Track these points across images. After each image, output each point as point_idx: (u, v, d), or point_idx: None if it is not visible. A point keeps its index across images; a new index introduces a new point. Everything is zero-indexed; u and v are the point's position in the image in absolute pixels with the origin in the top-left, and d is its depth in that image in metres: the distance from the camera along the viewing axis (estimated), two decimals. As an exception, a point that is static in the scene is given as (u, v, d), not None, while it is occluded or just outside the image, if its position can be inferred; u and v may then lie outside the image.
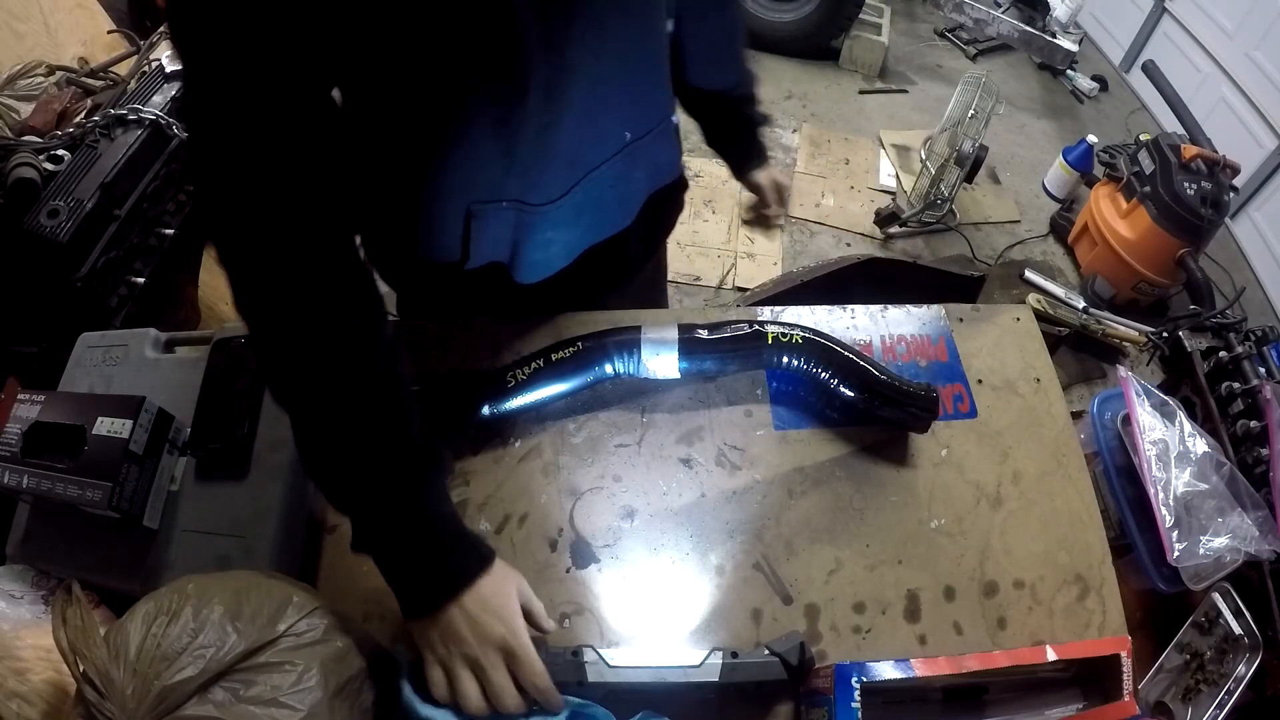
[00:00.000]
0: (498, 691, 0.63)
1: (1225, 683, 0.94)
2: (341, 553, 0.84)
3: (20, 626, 0.75)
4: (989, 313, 1.04)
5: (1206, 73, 3.28)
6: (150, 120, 1.33)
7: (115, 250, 1.27)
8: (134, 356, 0.96)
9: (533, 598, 0.69)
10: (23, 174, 1.17)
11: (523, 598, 0.68)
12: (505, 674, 0.63)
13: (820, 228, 2.90)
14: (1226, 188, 2.34)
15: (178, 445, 0.87)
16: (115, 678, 0.56)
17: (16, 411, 0.84)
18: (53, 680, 0.70)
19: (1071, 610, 0.83)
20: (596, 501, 0.87)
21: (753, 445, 0.91)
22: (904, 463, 0.90)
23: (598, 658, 0.69)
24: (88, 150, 1.26)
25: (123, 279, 1.31)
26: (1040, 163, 3.26)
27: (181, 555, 0.82)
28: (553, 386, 0.88)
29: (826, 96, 3.40)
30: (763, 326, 0.90)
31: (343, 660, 0.64)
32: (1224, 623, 0.97)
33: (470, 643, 0.63)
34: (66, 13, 1.94)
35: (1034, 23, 3.77)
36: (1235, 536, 0.96)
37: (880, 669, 0.69)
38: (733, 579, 0.83)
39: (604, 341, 0.89)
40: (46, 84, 1.52)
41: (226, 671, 0.58)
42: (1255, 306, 2.79)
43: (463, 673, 0.63)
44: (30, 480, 0.79)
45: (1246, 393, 1.17)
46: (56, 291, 1.22)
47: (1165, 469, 0.99)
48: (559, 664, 0.68)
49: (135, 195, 1.31)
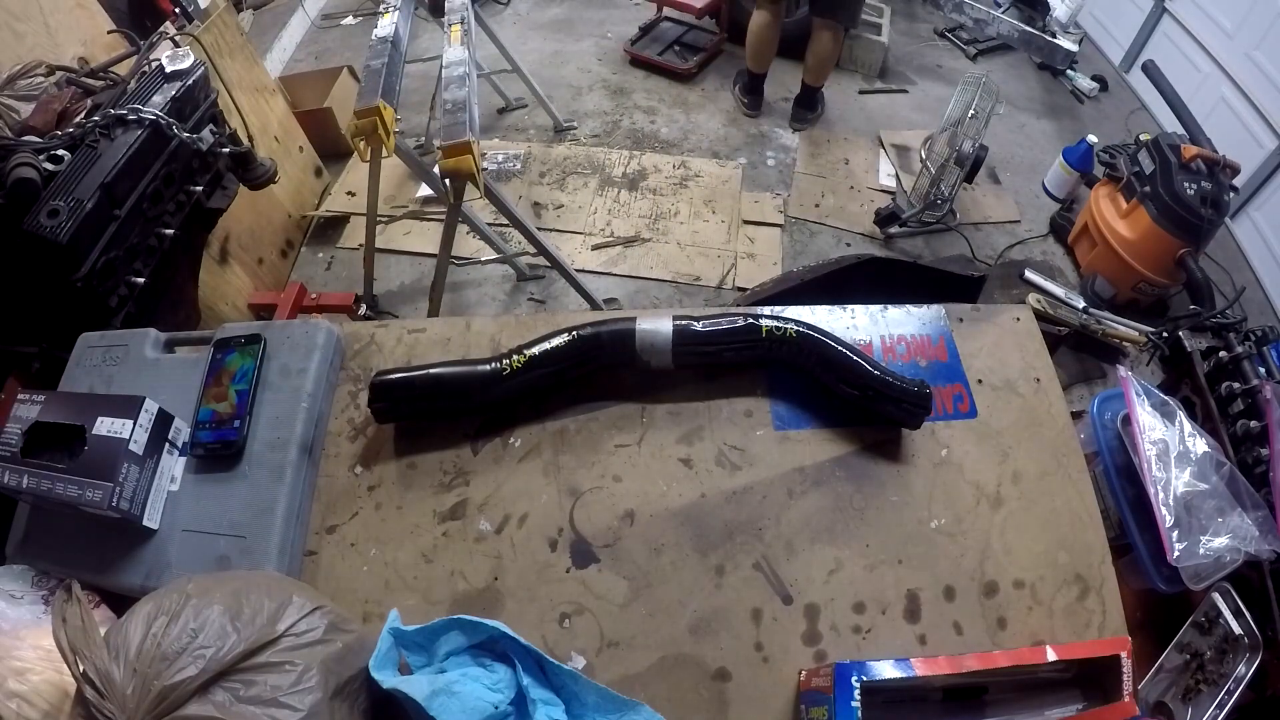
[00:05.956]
0: None
1: (1225, 683, 0.94)
2: (341, 553, 0.85)
3: (20, 626, 0.75)
4: (989, 313, 1.04)
5: (1206, 73, 3.28)
6: (150, 120, 1.33)
7: (115, 250, 1.27)
8: (134, 356, 0.96)
9: None
10: (23, 174, 1.16)
11: None
12: None
13: (820, 228, 2.90)
14: (1226, 188, 2.34)
15: (177, 445, 0.87)
16: (115, 678, 0.56)
17: (16, 411, 0.84)
18: (53, 680, 0.70)
19: (1071, 610, 0.83)
20: (596, 501, 0.87)
21: (753, 445, 0.91)
22: (904, 462, 0.90)
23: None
24: (88, 150, 1.26)
25: (123, 279, 1.31)
26: (1040, 163, 3.26)
27: (181, 555, 0.82)
28: (547, 372, 0.88)
29: (826, 96, 3.41)
30: (757, 320, 0.90)
31: (343, 660, 0.64)
32: (1224, 623, 0.97)
33: None
34: (66, 13, 1.95)
35: (1034, 23, 3.77)
36: (1235, 536, 0.96)
37: (880, 669, 0.69)
38: (733, 579, 0.83)
39: (598, 330, 0.89)
40: (46, 84, 1.52)
41: (226, 671, 0.58)
42: (1255, 306, 2.78)
43: None
44: (30, 480, 0.79)
45: (1246, 393, 1.17)
46: (56, 291, 1.22)
47: (1165, 469, 0.99)
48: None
49: (135, 195, 1.31)
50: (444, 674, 0.68)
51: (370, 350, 0.99)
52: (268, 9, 3.91)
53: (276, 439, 0.87)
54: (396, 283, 2.63)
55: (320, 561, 0.84)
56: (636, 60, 3.69)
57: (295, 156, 2.73)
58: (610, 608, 0.81)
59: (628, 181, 3.02)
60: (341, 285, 2.59)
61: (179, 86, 1.41)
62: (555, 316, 0.98)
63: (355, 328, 1.01)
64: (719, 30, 3.81)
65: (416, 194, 2.87)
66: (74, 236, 1.17)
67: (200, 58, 1.51)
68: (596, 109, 3.42)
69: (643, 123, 3.35)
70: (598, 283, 2.58)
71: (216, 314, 1.99)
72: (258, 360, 0.91)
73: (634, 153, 3.16)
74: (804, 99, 3.31)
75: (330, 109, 2.90)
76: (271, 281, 2.45)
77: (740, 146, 3.24)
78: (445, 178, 1.76)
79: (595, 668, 0.78)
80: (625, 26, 3.93)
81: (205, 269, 1.82)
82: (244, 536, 0.81)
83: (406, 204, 2.86)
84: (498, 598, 0.82)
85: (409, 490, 0.88)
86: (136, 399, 0.82)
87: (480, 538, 0.85)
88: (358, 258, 2.57)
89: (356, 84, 2.37)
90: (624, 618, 0.81)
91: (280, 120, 2.60)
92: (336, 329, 0.98)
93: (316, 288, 2.22)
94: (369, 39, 2.07)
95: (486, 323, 1.00)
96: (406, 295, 2.59)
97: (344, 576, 0.83)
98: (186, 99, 1.42)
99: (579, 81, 3.59)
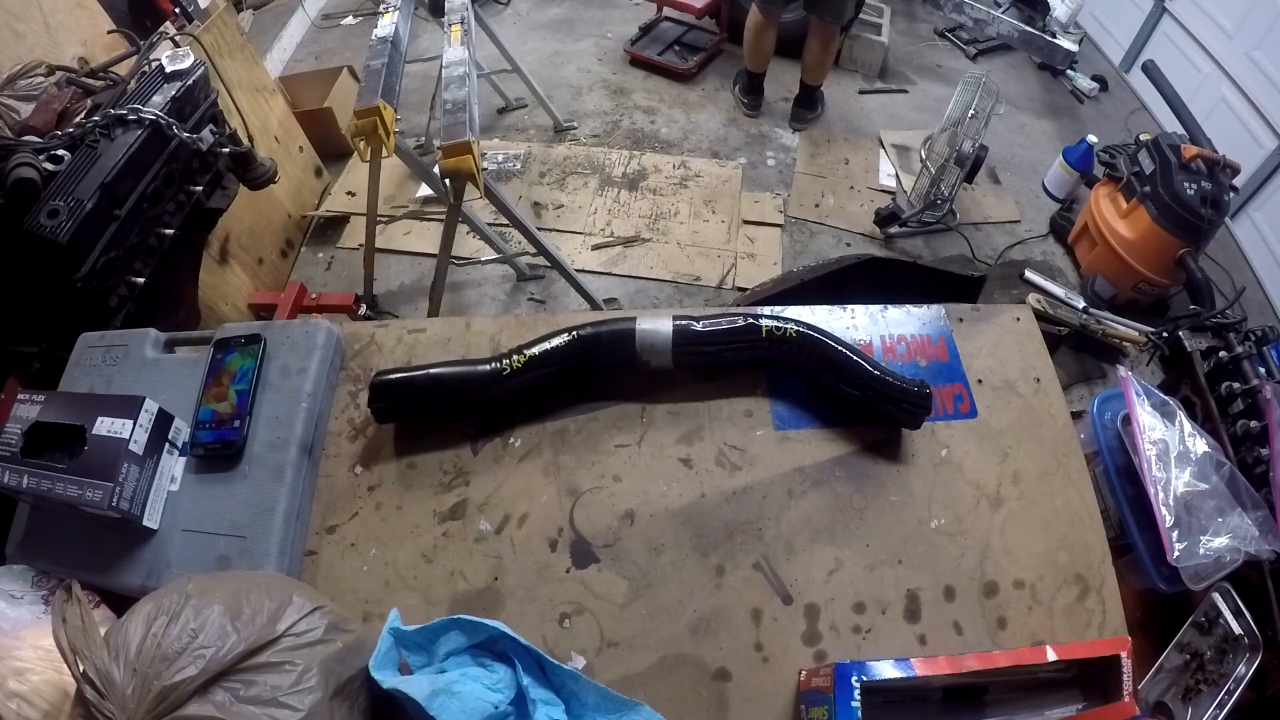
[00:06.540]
0: None
1: (1225, 683, 0.94)
2: (341, 553, 0.85)
3: (20, 626, 0.75)
4: (989, 313, 1.04)
5: (1206, 73, 3.28)
6: (150, 120, 1.33)
7: (115, 250, 1.27)
8: (134, 356, 0.96)
9: None
10: (23, 174, 1.16)
11: None
12: None
13: (820, 228, 2.90)
14: (1226, 188, 2.34)
15: (177, 445, 0.87)
16: (115, 678, 0.56)
17: (16, 411, 0.84)
18: (53, 680, 0.70)
19: (1071, 610, 0.83)
20: (596, 501, 0.87)
21: (753, 445, 0.91)
22: (904, 463, 0.90)
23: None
24: (88, 150, 1.26)
25: (123, 279, 1.31)
26: (1040, 163, 3.26)
27: (181, 555, 0.82)
28: (547, 372, 0.88)
29: (826, 96, 3.41)
30: (757, 320, 0.90)
31: (343, 660, 0.64)
32: (1224, 623, 0.97)
33: None
34: (66, 13, 1.95)
35: (1034, 23, 3.77)
36: (1235, 536, 0.96)
37: (880, 669, 0.69)
38: (733, 579, 0.83)
39: (598, 330, 0.89)
40: (46, 84, 1.52)
41: (226, 671, 0.58)
42: (1255, 306, 2.78)
43: None
44: (30, 480, 0.79)
45: (1246, 393, 1.17)
46: (56, 291, 1.22)
47: (1165, 469, 0.99)
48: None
49: (135, 195, 1.31)
50: (444, 674, 0.68)
51: (370, 350, 0.99)
52: (268, 9, 3.91)
53: (276, 439, 0.87)
54: (396, 283, 2.63)
55: (320, 561, 0.84)
56: (636, 60, 3.69)
57: (295, 156, 2.73)
58: (610, 608, 0.81)
59: (628, 181, 3.02)
60: (341, 285, 2.59)
61: (179, 86, 1.41)
62: (555, 316, 0.98)
63: (355, 328, 1.01)
64: (719, 30, 3.81)
65: (416, 194, 2.87)
66: (74, 236, 1.17)
67: (200, 58, 1.51)
68: (596, 109, 3.42)
69: (643, 123, 3.35)
70: (598, 283, 2.58)
71: (216, 314, 1.99)
72: (258, 360, 0.91)
73: (634, 153, 3.16)
74: (803, 99, 3.31)
75: (330, 109, 2.90)
76: (271, 281, 2.45)
77: (740, 146, 3.24)
78: (445, 178, 1.76)
79: (595, 668, 0.78)
80: (625, 26, 3.93)
81: (205, 269, 1.82)
82: (244, 536, 0.81)
83: (406, 204, 2.86)
84: (498, 598, 0.82)
85: (409, 490, 0.88)
86: (136, 399, 0.82)
87: (480, 538, 0.85)
88: (358, 258, 2.57)
89: (356, 84, 2.37)
90: (624, 618, 0.81)
91: (280, 120, 2.60)
92: (336, 329, 0.98)
93: (316, 288, 2.22)
94: (369, 39, 2.07)
95: (486, 323, 1.00)
96: (406, 295, 2.59)
97: (344, 576, 0.83)
98: (186, 99, 1.42)
99: (579, 81, 3.59)
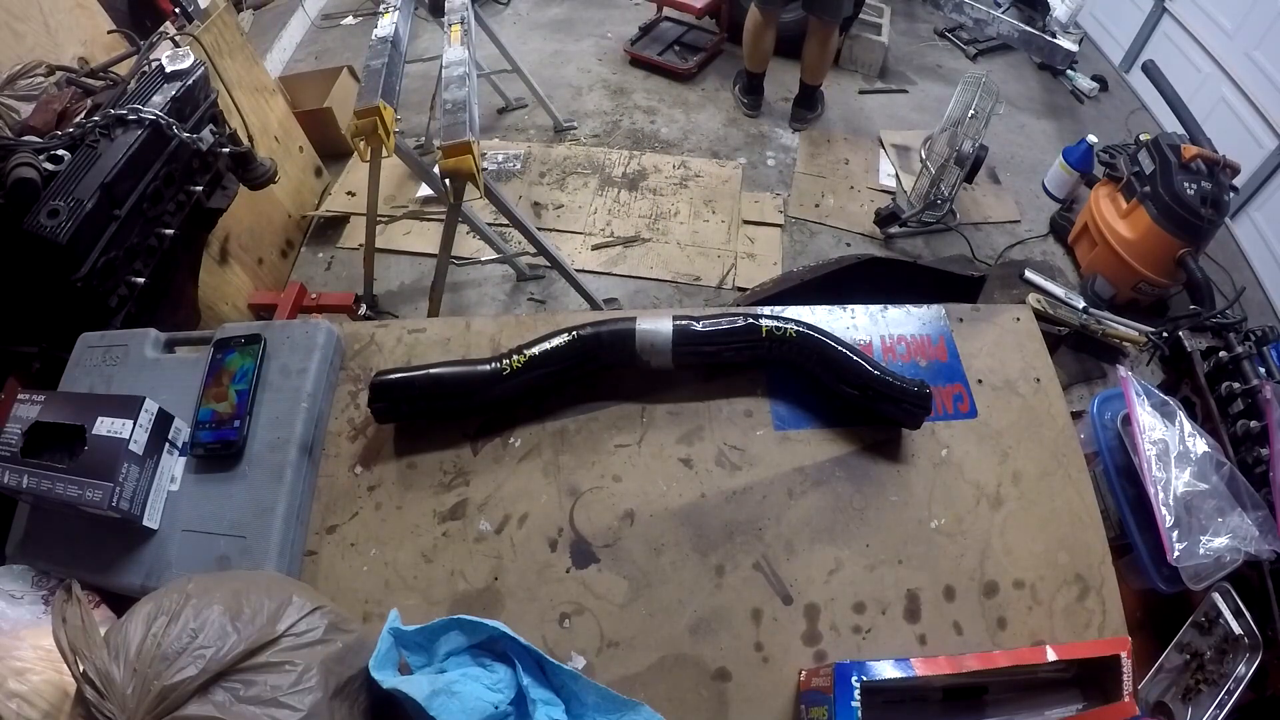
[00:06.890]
0: None
1: (1225, 683, 0.94)
2: (341, 553, 0.85)
3: (20, 626, 0.75)
4: (989, 313, 1.04)
5: (1206, 73, 3.28)
6: (150, 120, 1.33)
7: (115, 250, 1.27)
8: (134, 356, 0.96)
9: None
10: (23, 174, 1.16)
11: None
12: None
13: (820, 228, 2.90)
14: (1226, 188, 2.34)
15: (177, 445, 0.87)
16: (115, 678, 0.56)
17: (16, 411, 0.84)
18: (53, 680, 0.70)
19: (1071, 610, 0.83)
20: (596, 501, 0.87)
21: (753, 445, 0.91)
22: (904, 463, 0.90)
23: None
24: (88, 150, 1.26)
25: (123, 279, 1.31)
26: (1040, 163, 3.26)
27: (181, 555, 0.82)
28: (547, 372, 0.88)
29: (826, 96, 3.41)
30: (757, 320, 0.90)
31: (343, 660, 0.64)
32: (1224, 623, 0.97)
33: None
34: (66, 13, 1.95)
35: (1034, 23, 3.77)
36: (1235, 536, 0.96)
37: (880, 669, 0.69)
38: (733, 579, 0.83)
39: (598, 330, 0.89)
40: (46, 84, 1.52)
41: (226, 671, 0.58)
42: (1255, 306, 2.78)
43: None
44: (30, 480, 0.79)
45: (1246, 393, 1.17)
46: (56, 291, 1.22)
47: (1165, 469, 0.99)
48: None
49: (135, 195, 1.31)
50: (444, 674, 0.68)
51: (370, 350, 0.99)
52: (268, 9, 3.91)
53: (276, 439, 0.87)
54: (396, 283, 2.63)
55: (320, 561, 0.84)
56: (636, 60, 3.69)
57: (295, 156, 2.73)
58: (610, 608, 0.81)
59: (628, 181, 3.02)
60: (341, 285, 2.59)
61: (179, 86, 1.41)
62: (555, 316, 0.98)
63: (355, 328, 1.01)
64: (719, 30, 3.81)
65: (416, 194, 2.87)
66: (74, 236, 1.17)
67: (200, 58, 1.51)
68: (596, 109, 3.42)
69: (643, 123, 3.35)
70: (598, 283, 2.58)
71: (216, 314, 1.99)
72: (258, 360, 0.91)
73: (634, 153, 3.16)
74: (803, 99, 3.31)
75: (330, 109, 2.90)
76: (271, 281, 2.45)
77: (740, 146, 3.24)
78: (445, 178, 1.76)
79: (595, 668, 0.78)
80: (625, 26, 3.93)
81: (205, 269, 1.82)
82: (244, 536, 0.81)
83: (406, 204, 2.86)
84: (498, 598, 0.82)
85: (409, 490, 0.88)
86: (136, 399, 0.82)
87: (480, 538, 0.85)
88: (358, 258, 2.57)
89: (356, 84, 2.37)
90: (624, 618, 0.81)
91: (280, 120, 2.60)
92: (336, 329, 0.98)
93: (316, 288, 2.22)
94: (369, 39, 2.07)
95: (486, 323, 1.00)
96: (406, 295, 2.59)
97: (344, 576, 0.83)
98: (186, 99, 1.42)
99: (579, 81, 3.59)
